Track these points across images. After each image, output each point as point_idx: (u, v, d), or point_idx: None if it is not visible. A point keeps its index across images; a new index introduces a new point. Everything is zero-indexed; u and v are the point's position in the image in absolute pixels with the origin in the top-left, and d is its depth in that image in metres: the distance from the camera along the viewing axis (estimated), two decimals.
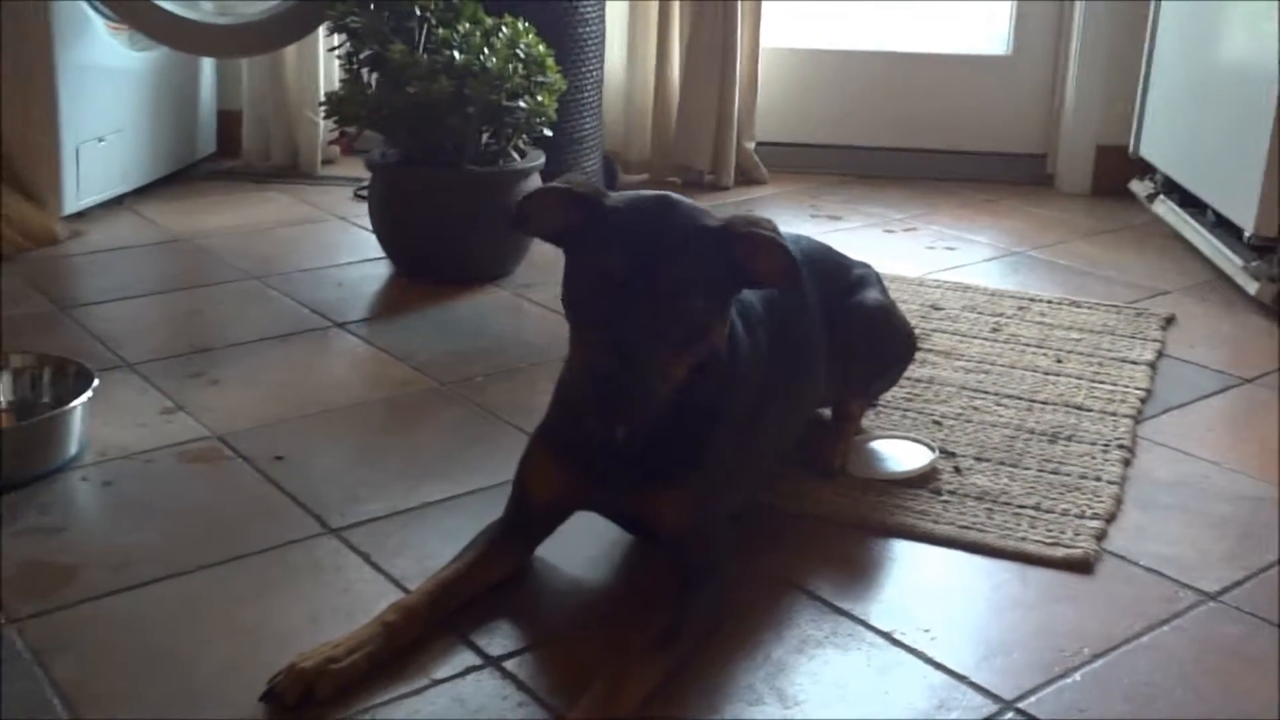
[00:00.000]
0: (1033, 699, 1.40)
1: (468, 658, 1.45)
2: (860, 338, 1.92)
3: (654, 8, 3.57)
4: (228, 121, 3.73)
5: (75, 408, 1.88)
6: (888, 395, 2.13)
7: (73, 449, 1.88)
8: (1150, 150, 3.34)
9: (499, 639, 1.48)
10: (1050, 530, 1.74)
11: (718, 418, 1.55)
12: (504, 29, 2.69)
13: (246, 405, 2.11)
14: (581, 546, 1.67)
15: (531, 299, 2.66)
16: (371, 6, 2.66)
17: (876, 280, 2.03)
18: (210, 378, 2.22)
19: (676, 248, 1.41)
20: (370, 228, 2.92)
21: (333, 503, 1.78)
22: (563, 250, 1.49)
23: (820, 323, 1.86)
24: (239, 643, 1.47)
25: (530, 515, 1.62)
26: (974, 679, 1.43)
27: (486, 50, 2.63)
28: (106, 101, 3.14)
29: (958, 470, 1.91)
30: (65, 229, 2.98)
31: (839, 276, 1.97)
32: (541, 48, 2.73)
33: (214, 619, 1.52)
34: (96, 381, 1.95)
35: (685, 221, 1.44)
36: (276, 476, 1.86)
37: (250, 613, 1.53)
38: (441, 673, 1.42)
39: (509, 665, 1.44)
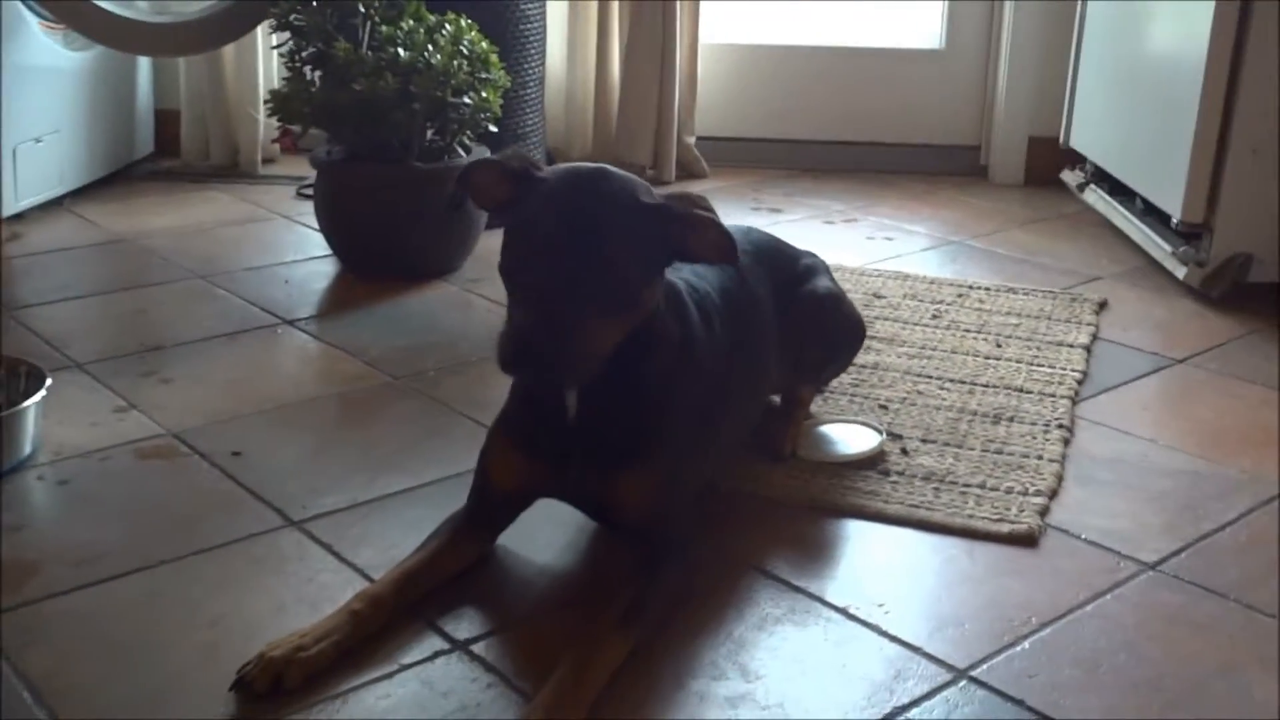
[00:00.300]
0: (984, 667, 1.45)
1: (435, 643, 1.47)
2: (811, 325, 1.97)
3: (593, 6, 3.61)
4: (165, 121, 3.71)
5: (28, 407, 1.87)
6: (835, 381, 2.18)
7: (27, 449, 1.88)
8: (1080, 141, 3.43)
9: (466, 624, 1.51)
10: (995, 507, 1.80)
11: (674, 402, 1.58)
12: (447, 26, 2.71)
13: (199, 402, 2.11)
14: (545, 534, 1.70)
15: (480, 294, 2.68)
16: (314, 4, 2.67)
17: (825, 269, 2.08)
18: (161, 376, 2.22)
19: (609, 215, 1.44)
20: (315, 225, 2.93)
21: (293, 496, 1.80)
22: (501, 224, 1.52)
23: (771, 311, 1.91)
24: (206, 634, 1.48)
25: (493, 503, 1.64)
26: (928, 650, 1.48)
27: (431, 47, 2.65)
28: (43, 102, 3.11)
29: (905, 452, 1.96)
30: (4, 231, 2.95)
31: (788, 266, 2.02)
32: (485, 44, 2.75)
33: (180, 611, 1.53)
34: (49, 381, 1.95)
35: (620, 192, 1.46)
36: (235, 471, 1.87)
37: (216, 605, 1.54)
38: (410, 658, 1.44)
39: (476, 649, 1.46)
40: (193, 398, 2.13)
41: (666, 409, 1.58)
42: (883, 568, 1.68)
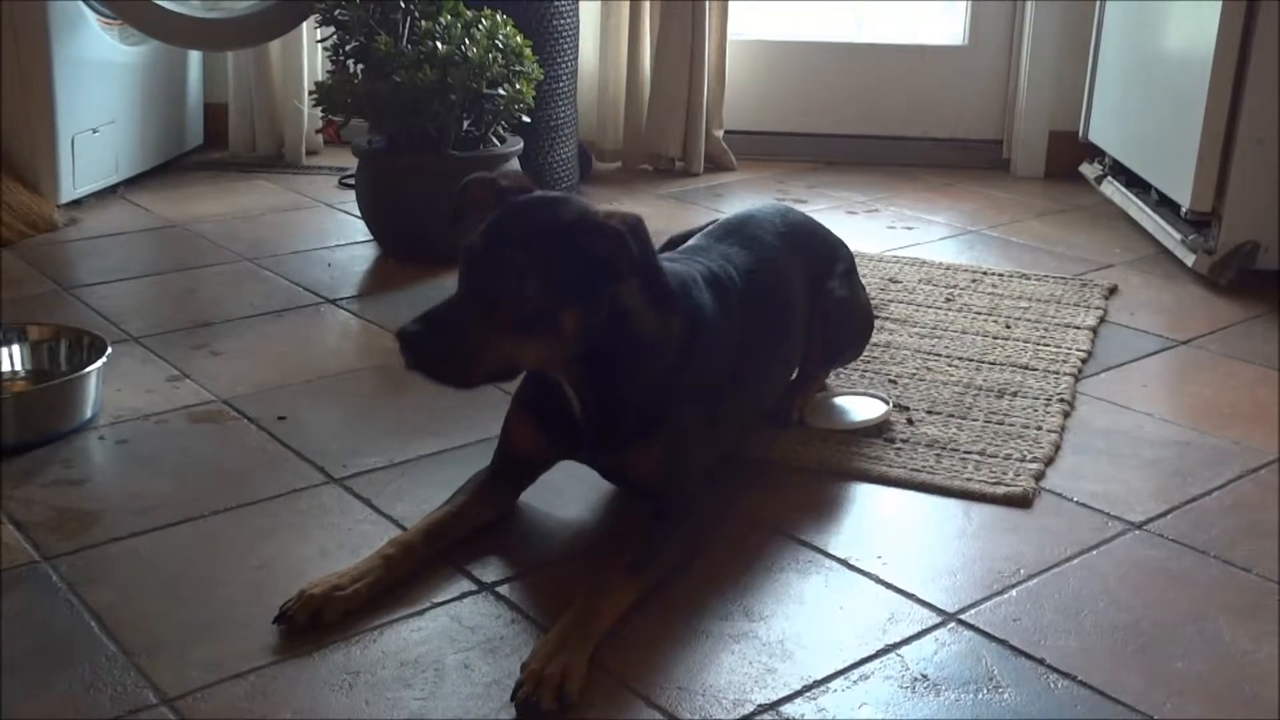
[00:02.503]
0: (972, 611, 1.56)
1: (464, 584, 1.60)
2: (828, 321, 2.04)
3: (625, 4, 3.72)
4: (214, 114, 3.87)
5: (91, 372, 2.01)
6: None
7: (89, 411, 2.02)
8: (1099, 135, 3.51)
9: (492, 568, 1.64)
10: (993, 472, 1.90)
11: (675, 383, 1.68)
12: (483, 21, 2.84)
13: (247, 373, 2.25)
14: (567, 492, 1.82)
15: None
16: (357, 0, 2.80)
17: (852, 265, 2.15)
18: (211, 349, 2.36)
19: (521, 238, 1.52)
20: (356, 213, 3.07)
21: (334, 456, 1.93)
22: None
23: (799, 291, 1.99)
24: (254, 575, 1.61)
25: (514, 464, 1.77)
26: (920, 596, 1.59)
27: (467, 41, 2.77)
28: (99, 94, 3.26)
29: (910, 421, 2.07)
30: (63, 216, 3.11)
31: (824, 254, 2.10)
32: (519, 39, 2.87)
33: (231, 555, 1.66)
34: (110, 349, 2.09)
35: (546, 216, 1.56)
36: (280, 434, 2.00)
37: (263, 550, 1.67)
38: (440, 597, 1.57)
39: (501, 590, 1.59)
40: (241, 369, 2.27)
41: (670, 390, 1.68)
42: (883, 525, 1.79)
